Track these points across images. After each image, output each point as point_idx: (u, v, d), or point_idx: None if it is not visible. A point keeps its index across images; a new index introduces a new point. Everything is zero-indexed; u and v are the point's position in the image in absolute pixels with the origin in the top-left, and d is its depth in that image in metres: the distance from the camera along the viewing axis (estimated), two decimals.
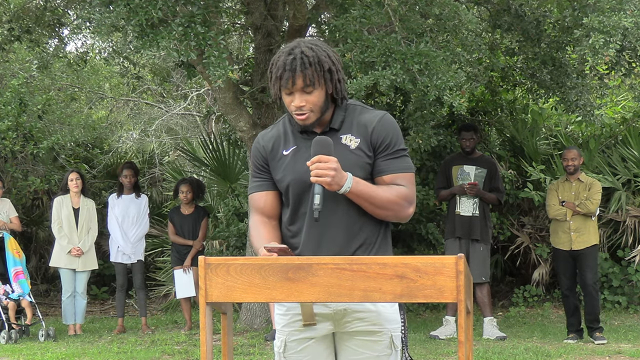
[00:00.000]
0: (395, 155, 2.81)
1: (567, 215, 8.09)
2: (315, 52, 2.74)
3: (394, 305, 2.84)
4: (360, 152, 2.79)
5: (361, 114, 2.85)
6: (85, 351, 7.95)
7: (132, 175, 9.57)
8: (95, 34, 7.09)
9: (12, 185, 11.12)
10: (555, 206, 8.18)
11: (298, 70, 2.70)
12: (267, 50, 8.98)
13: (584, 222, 8.09)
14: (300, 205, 2.81)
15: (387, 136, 2.80)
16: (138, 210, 9.50)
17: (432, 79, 6.76)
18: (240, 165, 10.99)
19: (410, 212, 2.82)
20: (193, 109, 15.58)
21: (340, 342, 2.86)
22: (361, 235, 2.79)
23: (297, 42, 2.79)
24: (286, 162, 2.83)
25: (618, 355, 7.26)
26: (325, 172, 2.65)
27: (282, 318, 2.87)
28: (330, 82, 2.76)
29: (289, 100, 2.77)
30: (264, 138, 2.92)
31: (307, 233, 2.80)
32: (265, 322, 8.92)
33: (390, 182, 2.79)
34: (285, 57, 2.73)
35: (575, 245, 8.05)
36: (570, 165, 8.15)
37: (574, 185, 8.18)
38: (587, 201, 8.06)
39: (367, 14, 6.95)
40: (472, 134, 8.57)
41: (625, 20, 6.69)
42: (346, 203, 2.76)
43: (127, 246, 9.42)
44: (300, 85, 2.72)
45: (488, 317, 8.46)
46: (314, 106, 2.75)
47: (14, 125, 9.82)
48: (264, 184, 2.89)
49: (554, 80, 8.81)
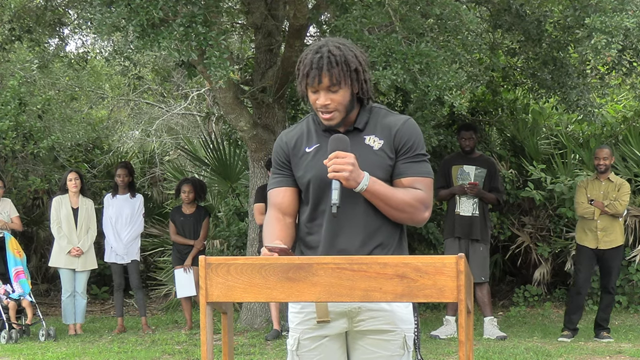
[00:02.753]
0: (416, 159, 2.82)
1: (594, 214, 8.04)
2: (343, 52, 2.75)
3: (409, 306, 2.84)
4: (383, 153, 2.80)
5: (385, 117, 2.86)
6: (86, 351, 7.96)
7: (126, 175, 9.55)
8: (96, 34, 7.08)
9: (12, 185, 11.13)
10: (584, 204, 8.11)
11: (325, 69, 2.71)
12: (267, 50, 8.99)
13: (611, 222, 8.05)
14: (320, 203, 2.81)
15: (410, 139, 2.81)
16: (132, 210, 9.48)
17: (433, 79, 6.76)
18: (241, 165, 10.99)
19: (426, 217, 2.81)
20: (193, 109, 15.59)
21: (353, 341, 2.86)
22: (379, 236, 2.79)
23: (325, 40, 2.81)
24: (308, 160, 2.84)
25: (618, 355, 7.26)
26: (343, 167, 2.65)
27: (296, 316, 2.87)
28: (356, 81, 2.77)
29: (315, 98, 2.78)
30: (287, 135, 2.93)
31: (325, 231, 2.80)
32: (265, 322, 8.92)
33: (409, 185, 2.79)
34: (313, 55, 2.74)
35: (601, 245, 8.03)
36: (602, 164, 8.06)
37: (604, 185, 8.11)
38: (615, 202, 8.01)
39: (368, 13, 6.95)
40: (472, 134, 8.56)
41: (627, 21, 6.69)
42: (365, 204, 2.77)
43: (120, 246, 9.40)
44: (327, 84, 2.73)
45: (488, 316, 8.46)
46: (339, 105, 2.76)
47: (14, 125, 9.82)
48: (284, 180, 2.89)
49: (555, 80, 8.81)
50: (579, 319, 8.20)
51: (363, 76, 2.79)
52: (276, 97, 8.88)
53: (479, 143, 9.43)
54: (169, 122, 15.63)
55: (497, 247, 10.59)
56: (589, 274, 8.18)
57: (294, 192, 2.88)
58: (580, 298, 8.14)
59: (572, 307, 8.22)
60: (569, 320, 8.20)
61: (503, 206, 10.11)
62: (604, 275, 8.18)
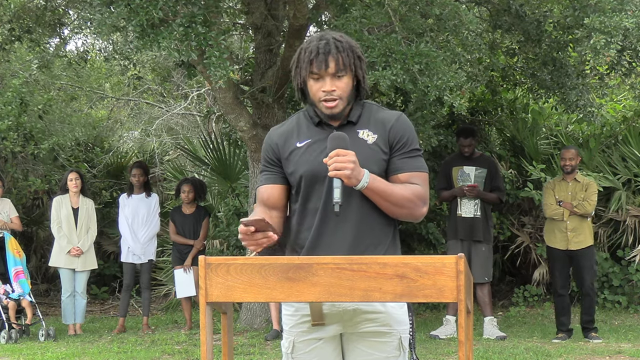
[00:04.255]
0: (411, 154, 2.82)
1: (564, 215, 8.08)
2: (346, 40, 2.79)
3: (403, 307, 2.84)
4: (377, 147, 2.80)
5: (378, 112, 2.87)
6: (85, 351, 7.96)
7: (142, 174, 9.60)
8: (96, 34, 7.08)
9: (12, 185, 11.12)
10: (553, 205, 8.16)
11: (333, 52, 2.73)
12: (267, 50, 8.99)
13: (580, 223, 8.08)
14: (311, 198, 2.80)
15: (405, 135, 2.82)
16: (148, 209, 9.52)
17: (433, 79, 6.76)
18: (241, 165, 10.99)
19: (424, 212, 2.82)
20: (193, 109, 15.58)
21: (349, 343, 2.85)
22: (372, 234, 2.78)
23: (326, 31, 2.84)
24: (300, 154, 2.82)
25: (618, 355, 7.26)
26: (345, 165, 2.64)
27: (291, 318, 2.86)
28: (360, 69, 2.79)
29: (318, 86, 2.76)
30: (276, 132, 2.91)
31: (316, 229, 2.78)
32: (265, 322, 8.92)
33: (406, 180, 2.79)
34: (318, 41, 2.76)
35: (571, 246, 8.05)
36: (568, 165, 8.12)
37: (571, 185, 8.16)
38: (584, 202, 8.04)
39: (368, 14, 6.96)
40: (471, 140, 8.54)
41: (626, 21, 6.69)
42: (358, 202, 2.76)
43: (137, 246, 9.43)
44: (333, 69, 2.73)
45: (488, 316, 8.46)
46: (342, 92, 2.76)
47: (15, 125, 9.82)
48: (272, 177, 2.88)
49: (555, 80, 8.81)
50: (568, 320, 8.19)
51: (364, 66, 2.82)
52: (276, 97, 8.88)
53: (479, 143, 9.41)
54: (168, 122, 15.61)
55: (496, 247, 10.58)
56: (565, 274, 8.17)
57: (281, 189, 2.87)
58: (563, 299, 8.15)
59: (558, 309, 8.21)
60: (560, 323, 8.19)
61: (504, 205, 10.11)
62: (578, 277, 8.18)
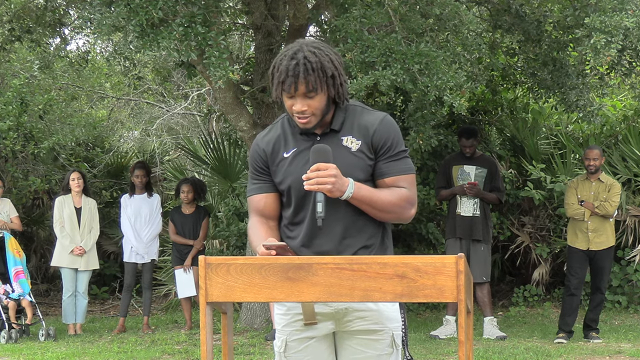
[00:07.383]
0: (396, 157, 2.81)
1: (585, 216, 8.00)
2: (319, 58, 2.71)
3: (395, 304, 2.85)
4: (362, 154, 2.79)
5: (362, 115, 2.84)
6: (86, 351, 7.96)
7: (144, 175, 9.62)
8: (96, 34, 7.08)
9: (12, 185, 11.11)
10: (574, 205, 8.07)
11: (301, 77, 2.68)
12: (267, 50, 8.98)
13: (601, 223, 8.01)
14: (302, 206, 2.81)
15: (389, 138, 2.80)
16: (150, 209, 9.53)
17: (433, 79, 6.76)
18: (241, 164, 10.99)
19: (412, 214, 2.82)
20: (194, 109, 15.59)
21: (341, 341, 2.87)
22: (361, 236, 2.80)
23: (300, 45, 2.76)
24: (286, 165, 2.82)
25: (618, 355, 7.26)
26: (326, 179, 2.65)
27: (283, 318, 2.87)
28: (332, 87, 2.75)
29: (290, 103, 2.75)
30: (263, 140, 2.90)
31: (305, 234, 2.80)
32: (265, 322, 8.92)
33: (392, 184, 2.79)
34: (288, 61, 2.71)
35: (592, 246, 7.98)
36: (592, 165, 8.01)
37: (594, 185, 8.07)
38: (606, 203, 7.96)
39: (368, 13, 6.96)
40: (473, 141, 8.54)
41: (626, 20, 6.68)
42: (346, 205, 2.77)
43: (140, 246, 9.44)
44: (303, 90, 2.71)
45: (488, 316, 8.46)
46: (315, 110, 2.74)
47: (15, 125, 9.82)
48: (264, 186, 2.88)
49: (555, 80, 8.80)
50: (574, 321, 8.16)
51: (339, 80, 2.76)
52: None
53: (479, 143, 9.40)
54: (169, 121, 15.62)
55: (496, 247, 10.58)
56: (582, 276, 8.11)
57: (274, 197, 2.88)
58: (575, 300, 8.11)
59: (566, 309, 8.14)
60: (564, 323, 8.12)
61: (504, 205, 10.11)
62: (595, 276, 8.14)
